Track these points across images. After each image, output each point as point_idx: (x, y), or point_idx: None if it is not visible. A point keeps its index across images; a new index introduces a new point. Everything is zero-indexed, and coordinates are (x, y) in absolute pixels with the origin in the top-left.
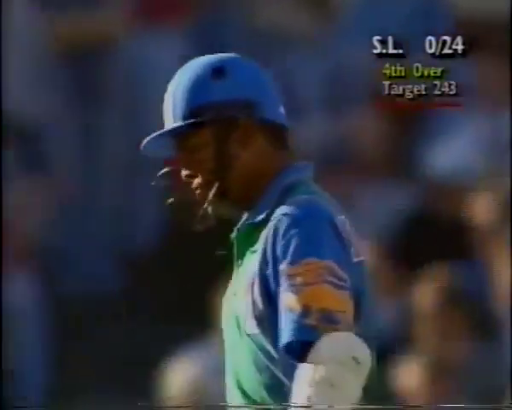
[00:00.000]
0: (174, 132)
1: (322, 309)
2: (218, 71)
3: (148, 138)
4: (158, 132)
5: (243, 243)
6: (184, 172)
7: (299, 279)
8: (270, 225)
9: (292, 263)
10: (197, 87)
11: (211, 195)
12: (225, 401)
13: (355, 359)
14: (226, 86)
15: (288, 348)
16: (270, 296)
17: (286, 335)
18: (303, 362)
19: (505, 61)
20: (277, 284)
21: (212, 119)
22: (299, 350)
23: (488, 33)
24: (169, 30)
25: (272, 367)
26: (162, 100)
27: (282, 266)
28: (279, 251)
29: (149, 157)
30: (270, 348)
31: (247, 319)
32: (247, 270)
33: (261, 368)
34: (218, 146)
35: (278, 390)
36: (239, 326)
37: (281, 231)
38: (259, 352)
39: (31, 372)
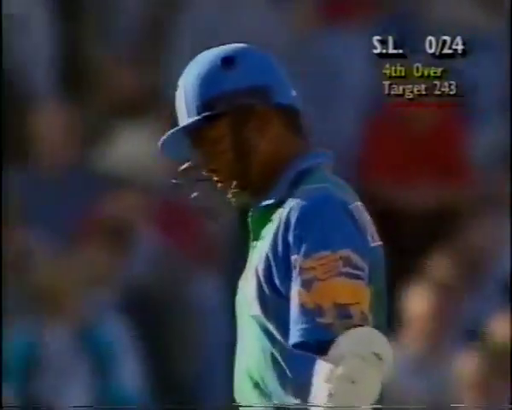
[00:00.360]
0: (190, 128)
1: (335, 305)
2: (227, 61)
3: (163, 137)
4: (173, 130)
5: (257, 226)
6: (205, 167)
7: (312, 274)
8: (283, 212)
9: (305, 256)
10: (208, 79)
11: (234, 186)
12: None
13: (376, 355)
14: (238, 75)
15: (303, 346)
16: (275, 283)
17: (300, 334)
18: (320, 358)
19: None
20: (285, 272)
21: (227, 109)
22: (315, 348)
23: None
24: (355, 29)
25: (276, 353)
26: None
27: (295, 258)
28: (291, 241)
29: (168, 157)
30: (273, 331)
31: (252, 300)
32: (257, 252)
33: (266, 354)
34: (236, 136)
35: (283, 377)
36: (246, 309)
37: (293, 221)
38: (264, 335)
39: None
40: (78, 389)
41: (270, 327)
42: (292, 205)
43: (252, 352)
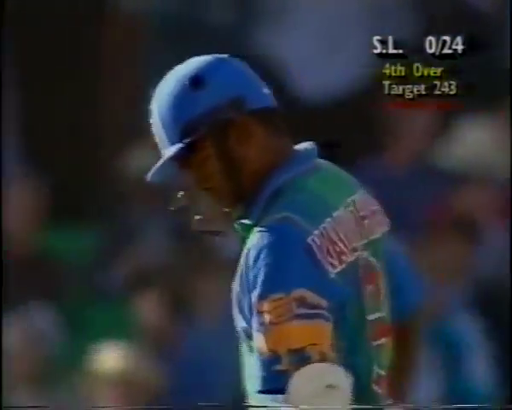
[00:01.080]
0: (174, 157)
1: (290, 351)
2: (196, 81)
3: (151, 171)
4: (159, 163)
5: (241, 239)
6: (198, 188)
7: (266, 318)
8: (248, 245)
9: (260, 298)
10: (181, 104)
11: (230, 201)
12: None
13: (329, 386)
14: (208, 93)
15: (264, 392)
16: (244, 317)
17: (258, 382)
18: (282, 405)
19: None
20: (250, 311)
21: (206, 130)
22: (276, 393)
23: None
24: None
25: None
26: None
27: (253, 299)
28: (251, 279)
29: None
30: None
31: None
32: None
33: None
34: (221, 154)
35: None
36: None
37: (251, 260)
38: (249, 354)
39: None
40: (429, 384)
41: (250, 354)
42: (253, 240)
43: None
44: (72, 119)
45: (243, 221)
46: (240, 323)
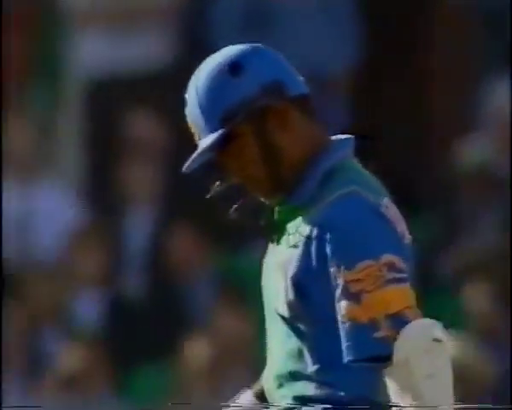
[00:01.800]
0: (213, 146)
1: (389, 315)
2: (235, 68)
3: (189, 161)
4: (198, 151)
5: (283, 221)
6: (236, 176)
7: (358, 286)
8: (315, 220)
9: (347, 268)
10: (221, 91)
11: (269, 188)
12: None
13: (436, 339)
14: (248, 79)
15: (360, 362)
16: (309, 292)
17: (356, 350)
18: (383, 372)
19: None
20: (323, 285)
21: (245, 116)
22: (376, 362)
23: None
24: None
25: (305, 351)
26: None
27: (336, 271)
28: (329, 253)
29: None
30: (303, 330)
31: (280, 300)
32: (285, 253)
33: (294, 351)
34: (260, 140)
35: (306, 378)
36: (273, 305)
37: (328, 232)
38: (292, 333)
39: None
40: None
41: (301, 326)
42: (324, 214)
43: (279, 352)
44: (403, 106)
45: (291, 203)
46: (290, 301)
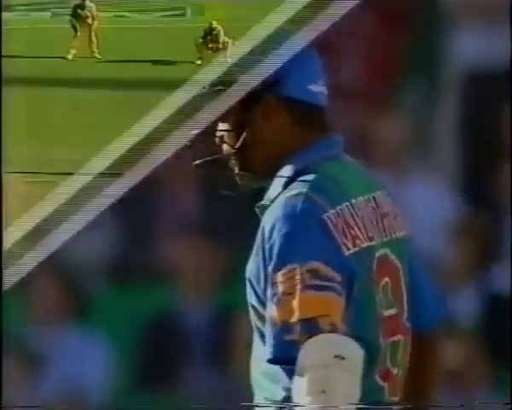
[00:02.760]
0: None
1: (302, 320)
2: None
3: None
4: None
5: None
6: (228, 151)
7: (280, 288)
8: (265, 220)
9: (275, 269)
10: None
11: (238, 168)
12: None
13: (338, 356)
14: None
15: (274, 362)
16: (258, 292)
17: (268, 351)
18: (290, 374)
19: None
20: (266, 284)
21: (246, 98)
22: (285, 363)
23: None
24: None
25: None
26: None
27: (269, 271)
28: (267, 253)
29: None
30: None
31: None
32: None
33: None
34: (242, 119)
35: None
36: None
37: (267, 233)
38: (259, 338)
39: None
40: None
41: (261, 328)
42: (269, 214)
43: (254, 354)
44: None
45: (262, 203)
46: (251, 298)
